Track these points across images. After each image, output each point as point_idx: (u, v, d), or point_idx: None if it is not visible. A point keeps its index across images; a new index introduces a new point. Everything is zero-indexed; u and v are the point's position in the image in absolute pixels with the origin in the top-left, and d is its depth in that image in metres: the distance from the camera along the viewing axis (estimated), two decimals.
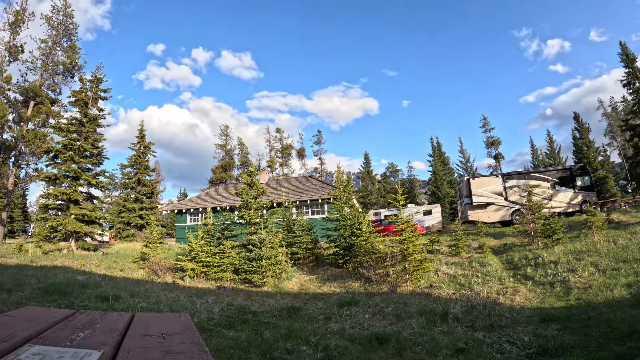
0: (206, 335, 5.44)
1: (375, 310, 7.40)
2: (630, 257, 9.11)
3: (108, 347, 1.02)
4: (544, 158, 45.87)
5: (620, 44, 27.13)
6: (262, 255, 11.20)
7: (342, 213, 14.49)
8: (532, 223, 13.12)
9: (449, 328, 5.97)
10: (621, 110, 41.09)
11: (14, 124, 24.26)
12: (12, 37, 24.50)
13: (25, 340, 1.01)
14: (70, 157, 17.98)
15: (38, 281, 8.81)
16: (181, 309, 7.34)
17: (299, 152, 53.99)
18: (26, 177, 26.11)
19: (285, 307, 7.76)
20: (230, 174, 48.13)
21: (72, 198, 18.00)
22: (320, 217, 21.77)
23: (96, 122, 19.74)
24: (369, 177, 49.09)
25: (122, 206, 30.42)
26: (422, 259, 10.37)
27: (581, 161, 33.84)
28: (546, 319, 6.10)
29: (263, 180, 29.54)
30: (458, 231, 13.88)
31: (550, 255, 10.75)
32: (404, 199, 11.51)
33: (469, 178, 21.32)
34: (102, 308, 6.80)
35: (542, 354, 4.67)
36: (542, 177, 20.36)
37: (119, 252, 18.34)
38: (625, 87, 27.25)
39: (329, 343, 5.13)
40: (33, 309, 1.53)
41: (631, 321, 5.21)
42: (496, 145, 45.35)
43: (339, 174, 17.56)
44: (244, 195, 13.67)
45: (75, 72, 26.30)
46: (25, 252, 15.85)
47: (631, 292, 6.96)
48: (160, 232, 21.65)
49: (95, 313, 1.45)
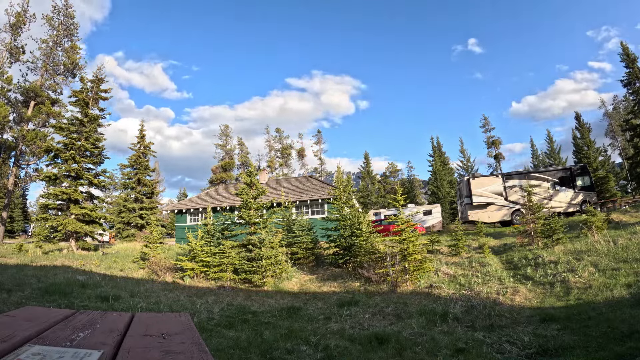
0: (206, 335, 5.45)
1: (375, 310, 7.40)
2: (630, 257, 9.10)
3: (108, 347, 1.02)
4: (544, 158, 45.88)
5: (620, 44, 27.14)
6: (262, 255, 11.20)
7: (342, 213, 14.49)
8: (532, 223, 13.10)
9: (449, 328, 5.97)
10: (622, 109, 41.15)
11: (14, 124, 24.29)
12: (14, 39, 24.53)
13: (25, 340, 1.01)
14: (71, 156, 17.99)
15: (38, 281, 8.82)
16: (181, 309, 7.34)
17: (299, 152, 54.01)
18: (26, 177, 26.15)
19: (285, 307, 7.76)
20: (230, 174, 48.14)
21: (73, 198, 18.00)
22: (320, 217, 21.77)
23: (97, 122, 19.73)
24: (369, 177, 49.09)
25: (122, 206, 30.44)
26: (422, 259, 10.37)
27: (581, 161, 33.78)
28: (546, 319, 6.10)
29: (263, 180, 29.53)
30: (458, 231, 13.87)
31: (550, 255, 10.74)
32: (404, 199, 11.50)
33: (469, 178, 21.31)
34: (102, 308, 6.81)
35: (542, 354, 4.67)
36: (542, 177, 20.35)
37: (119, 252, 18.34)
38: (626, 87, 27.26)
39: (329, 343, 5.14)
40: (33, 309, 1.54)
41: (631, 321, 5.21)
42: (496, 145, 45.34)
43: (339, 174, 17.56)
44: (243, 195, 13.67)
45: (76, 72, 26.34)
46: (25, 252, 15.86)
47: (631, 292, 6.96)
48: (160, 232, 21.68)
49: (95, 313, 1.46)
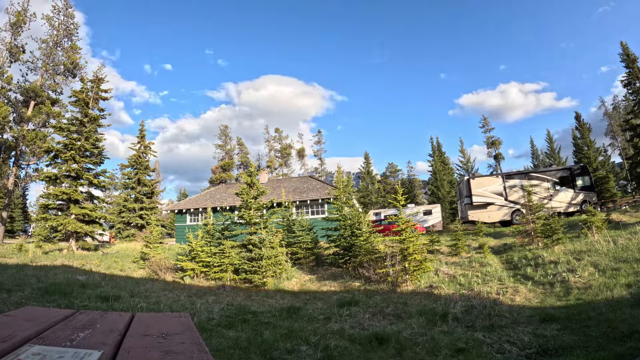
0: (206, 335, 5.44)
1: (375, 310, 7.40)
2: (630, 257, 9.10)
3: (108, 347, 1.02)
4: (544, 158, 45.89)
5: (621, 44, 27.16)
6: (262, 255, 11.20)
7: (342, 213, 14.49)
8: (532, 223, 13.10)
9: (449, 328, 5.97)
10: (622, 109, 41.14)
11: (14, 124, 24.30)
12: (14, 38, 24.54)
13: (25, 340, 1.01)
14: (71, 156, 18.00)
15: (38, 281, 8.82)
16: (181, 309, 7.34)
17: (299, 152, 54.00)
18: (26, 177, 26.18)
19: (285, 307, 7.76)
20: (230, 174, 48.16)
21: (73, 198, 18.01)
22: (320, 217, 21.77)
23: (97, 122, 19.74)
24: (369, 177, 49.10)
25: (122, 206, 30.44)
26: (422, 259, 10.36)
27: (581, 161, 33.80)
28: (546, 319, 6.10)
29: (263, 180, 29.54)
30: (458, 231, 13.85)
31: (550, 255, 10.74)
32: (404, 199, 11.50)
33: (469, 178, 21.30)
34: (102, 308, 6.81)
35: (542, 354, 4.66)
36: (542, 177, 20.35)
37: (119, 252, 18.34)
38: (626, 87, 27.28)
39: (329, 343, 5.13)
40: (33, 309, 1.53)
41: (631, 321, 5.21)
42: (496, 145, 45.35)
43: (339, 174, 17.56)
44: (243, 195, 13.67)
45: (76, 72, 26.36)
46: (25, 252, 15.86)
47: (631, 292, 6.96)
48: (160, 232, 21.70)
49: (95, 313, 1.46)
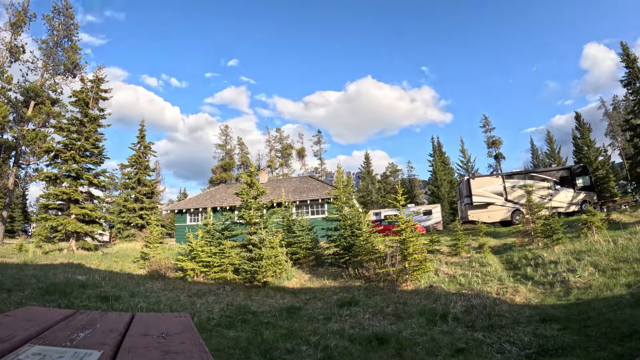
0: (206, 335, 5.45)
1: (375, 310, 7.41)
2: (630, 257, 9.09)
3: (108, 347, 1.02)
4: (544, 158, 45.88)
5: (621, 44, 27.19)
6: (262, 255, 11.20)
7: (342, 213, 14.48)
8: (532, 223, 13.09)
9: (449, 328, 5.97)
10: (622, 109, 41.14)
11: (14, 124, 24.30)
12: (14, 38, 24.55)
13: (25, 340, 1.01)
14: (71, 156, 18.00)
15: (38, 281, 8.82)
16: (181, 309, 7.35)
17: (299, 152, 53.99)
18: (26, 177, 26.20)
19: (285, 307, 7.76)
20: (230, 174, 48.13)
21: (73, 198, 18.01)
22: (320, 217, 21.76)
23: (97, 122, 19.74)
24: (369, 177, 49.10)
25: (122, 206, 30.44)
26: (422, 259, 10.36)
27: (581, 161, 33.79)
28: (546, 319, 6.10)
29: (263, 180, 29.53)
30: (458, 231, 13.85)
31: (550, 255, 10.74)
32: (404, 199, 11.49)
33: (469, 178, 21.29)
34: (102, 308, 6.81)
35: (542, 354, 4.66)
36: (542, 177, 20.35)
37: (119, 252, 18.34)
38: (626, 87, 27.29)
39: (329, 343, 5.14)
40: (33, 309, 1.54)
41: (631, 321, 5.20)
42: (497, 145, 45.34)
43: (339, 174, 17.54)
44: (243, 195, 13.67)
45: (76, 72, 26.35)
46: (25, 252, 15.86)
47: (631, 292, 6.95)
48: (160, 232, 21.70)
49: (95, 313, 1.46)
